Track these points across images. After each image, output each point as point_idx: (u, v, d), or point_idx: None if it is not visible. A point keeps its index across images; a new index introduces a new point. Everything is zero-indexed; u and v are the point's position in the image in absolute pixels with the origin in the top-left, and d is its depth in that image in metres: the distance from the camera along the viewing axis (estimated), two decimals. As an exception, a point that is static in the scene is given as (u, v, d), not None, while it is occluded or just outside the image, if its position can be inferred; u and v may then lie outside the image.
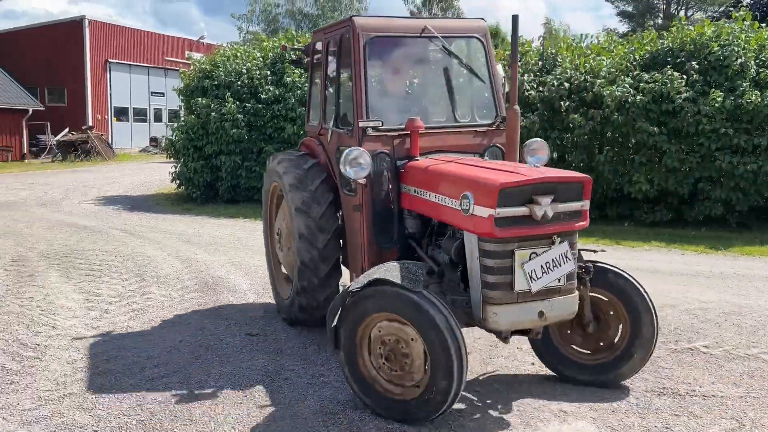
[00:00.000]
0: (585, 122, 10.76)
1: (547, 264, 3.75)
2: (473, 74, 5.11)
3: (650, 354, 4.25)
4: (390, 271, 3.81)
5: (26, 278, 7.15)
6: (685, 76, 10.28)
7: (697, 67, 10.39)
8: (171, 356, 4.78)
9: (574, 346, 4.40)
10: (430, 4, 52.62)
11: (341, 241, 5.11)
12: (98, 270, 7.57)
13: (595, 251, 4.44)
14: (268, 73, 14.03)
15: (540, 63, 11.92)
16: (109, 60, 35.53)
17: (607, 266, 4.28)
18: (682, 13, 41.07)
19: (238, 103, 13.77)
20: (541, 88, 11.36)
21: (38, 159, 29.61)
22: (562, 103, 11.09)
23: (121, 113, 37.27)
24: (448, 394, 3.56)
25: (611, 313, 4.28)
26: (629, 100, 10.31)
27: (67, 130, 30.80)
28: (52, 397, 4.06)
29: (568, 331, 4.38)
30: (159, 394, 4.12)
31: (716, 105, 9.78)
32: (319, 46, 5.58)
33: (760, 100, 9.62)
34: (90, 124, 32.78)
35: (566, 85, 11.12)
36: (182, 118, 15.45)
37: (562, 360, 4.41)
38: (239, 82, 14.07)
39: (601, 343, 4.32)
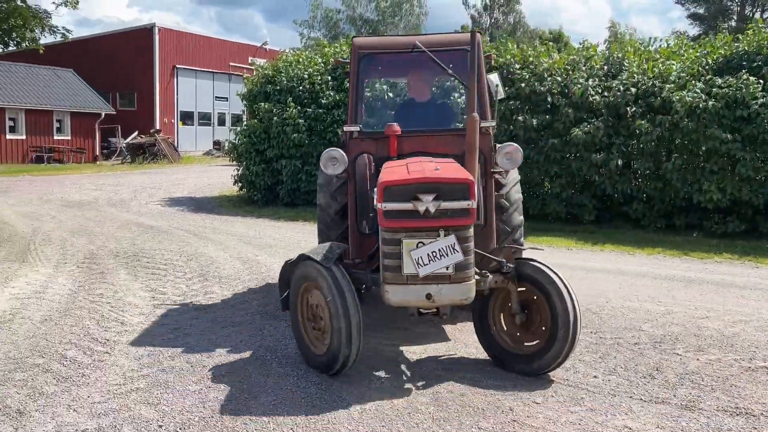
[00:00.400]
0: (652, 128, 10.42)
1: (434, 253, 4.23)
2: (460, 84, 5.57)
3: (568, 347, 4.42)
4: (318, 249, 4.58)
5: (97, 275, 7.45)
6: (761, 81, 9.82)
7: (775, 71, 9.92)
8: (232, 356, 4.88)
9: (508, 335, 4.77)
10: (491, 9, 52.21)
11: None
12: (163, 269, 7.82)
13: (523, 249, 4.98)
14: (329, 78, 14.21)
15: (605, 67, 11.64)
16: (177, 66, 36.80)
17: (531, 262, 4.64)
18: (757, 15, 39.27)
19: (299, 108, 14.00)
20: (606, 93, 11.09)
21: (109, 161, 30.94)
22: (628, 108, 10.79)
23: (186, 117, 38.54)
24: (338, 354, 4.32)
25: (537, 306, 4.61)
26: (700, 105, 9.93)
27: (136, 133, 32.09)
28: (120, 391, 4.20)
29: (504, 321, 4.79)
30: (220, 393, 4.20)
31: (795, 111, 9.31)
32: None
33: (844, 106, 9.11)
34: (157, 127, 34.06)
35: (633, 90, 10.81)
36: (245, 123, 15.82)
37: (496, 347, 4.77)
38: (301, 88, 14.30)
39: (529, 335, 4.66)
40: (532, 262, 4.62)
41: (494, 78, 5.58)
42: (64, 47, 32.98)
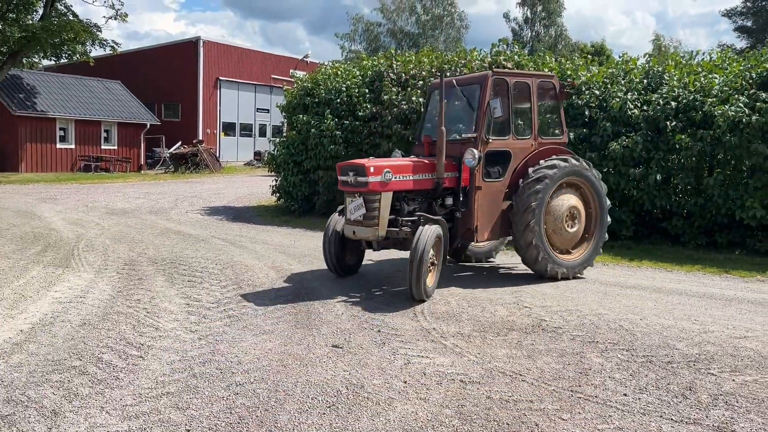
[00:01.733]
0: (693, 143, 10.20)
1: (355, 207, 7.35)
2: (471, 108, 8.11)
3: (410, 274, 6.75)
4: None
5: (135, 281, 7.67)
6: (808, 95, 9.52)
7: (822, 85, 9.61)
8: (260, 363, 4.96)
9: None
10: (532, 22, 51.92)
11: None
12: (199, 276, 7.99)
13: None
14: (366, 91, 14.33)
15: (645, 81, 11.46)
16: (220, 78, 37.61)
17: (421, 224, 7.08)
18: (808, 27, 38.06)
19: (336, 120, 14.15)
20: (645, 107, 10.91)
21: (153, 170, 31.75)
22: (668, 122, 10.59)
23: (228, 128, 39.29)
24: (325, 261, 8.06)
25: None
26: (744, 120, 9.68)
27: (179, 143, 32.90)
28: (151, 395, 4.31)
29: None
30: (247, 400, 4.28)
31: (844, 126, 8.99)
32: None
33: None
34: (200, 138, 34.82)
35: (673, 103, 10.61)
36: (284, 134, 16.09)
37: None
38: (338, 100, 14.46)
39: None
40: (421, 224, 7.05)
41: (493, 102, 7.56)
42: (113, 59, 34.06)
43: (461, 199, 7.85)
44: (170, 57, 37.33)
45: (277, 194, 15.71)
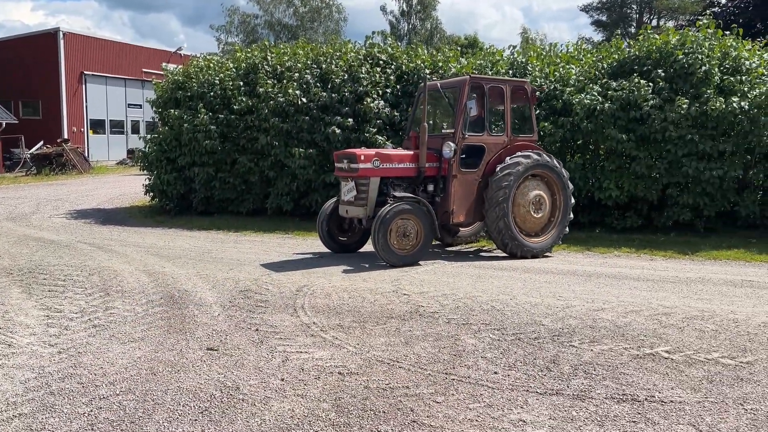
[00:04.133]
0: (556, 129, 10.83)
1: (347, 189, 8.65)
2: (452, 108, 9.38)
3: (377, 249, 8.27)
4: None
5: (-13, 295, 7.00)
6: (651, 84, 10.40)
7: (663, 74, 10.52)
8: (128, 373, 4.69)
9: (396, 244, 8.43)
10: (408, 15, 52.93)
11: None
12: (62, 285, 7.44)
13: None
14: (241, 84, 13.95)
15: (510, 72, 12.01)
16: (84, 72, 35.24)
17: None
18: (654, 22, 41.73)
19: (210, 114, 13.67)
20: (511, 97, 11.42)
21: (12, 173, 29.17)
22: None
23: (97, 125, 36.95)
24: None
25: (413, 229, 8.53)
26: (597, 107, 10.41)
27: (41, 143, 30.45)
28: (0, 418, 3.95)
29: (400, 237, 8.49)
30: (112, 413, 4.03)
31: (682, 112, 9.90)
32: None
33: (724, 106, 9.76)
34: (65, 137, 32.44)
35: (537, 93, 11.19)
36: (157, 130, 15.35)
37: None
38: (212, 93, 13.97)
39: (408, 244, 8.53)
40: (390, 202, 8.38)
41: (469, 103, 8.83)
42: (-42, 53, 30.95)
43: (441, 186, 8.94)
44: (27, 50, 34.44)
45: (151, 194, 14.97)
